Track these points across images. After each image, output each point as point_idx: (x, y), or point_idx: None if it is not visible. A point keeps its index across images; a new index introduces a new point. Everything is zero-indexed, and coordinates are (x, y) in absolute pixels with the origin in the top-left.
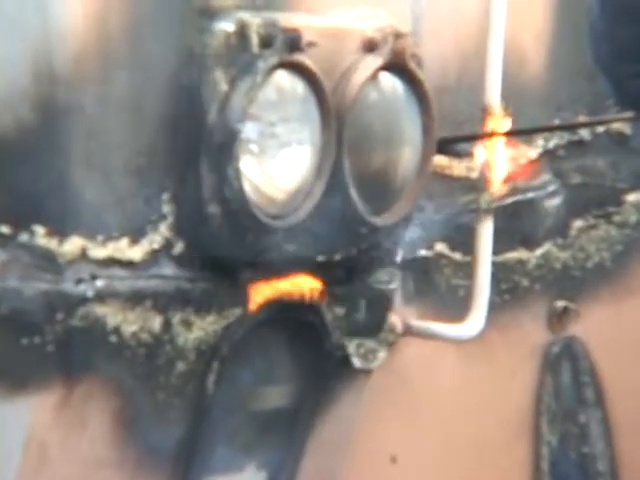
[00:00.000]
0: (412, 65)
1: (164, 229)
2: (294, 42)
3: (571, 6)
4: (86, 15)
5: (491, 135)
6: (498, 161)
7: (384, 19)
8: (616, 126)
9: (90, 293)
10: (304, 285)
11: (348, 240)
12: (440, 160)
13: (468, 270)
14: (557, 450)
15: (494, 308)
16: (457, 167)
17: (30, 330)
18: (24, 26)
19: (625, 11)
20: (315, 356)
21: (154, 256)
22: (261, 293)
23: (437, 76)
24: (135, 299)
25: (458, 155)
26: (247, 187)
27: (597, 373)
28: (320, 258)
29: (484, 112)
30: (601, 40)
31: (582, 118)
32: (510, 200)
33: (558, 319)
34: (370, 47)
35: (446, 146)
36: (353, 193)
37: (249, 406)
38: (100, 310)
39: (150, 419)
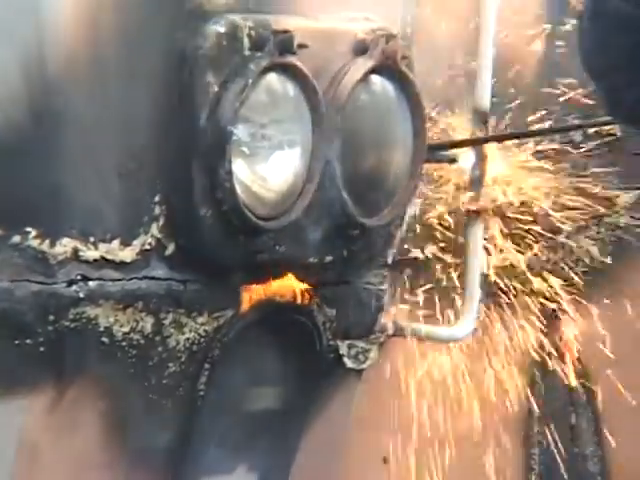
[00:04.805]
0: (403, 67)
1: (156, 231)
2: (285, 44)
3: (564, 6)
4: (78, 18)
5: (480, 140)
6: (489, 164)
7: (375, 21)
8: (607, 128)
9: (82, 294)
10: (295, 286)
11: (339, 241)
12: (431, 162)
13: (459, 272)
14: (548, 450)
15: (485, 310)
16: (448, 169)
17: (22, 331)
18: (16, 30)
19: (620, 20)
20: (307, 357)
21: (146, 257)
22: (252, 294)
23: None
24: (127, 300)
25: (448, 161)
26: (238, 189)
27: (588, 373)
28: (311, 259)
29: (475, 114)
30: (594, 51)
31: (574, 121)
32: (501, 202)
33: (549, 320)
34: (361, 49)
35: (436, 152)
36: (344, 195)
37: (240, 407)
38: (92, 311)
39: (141, 420)
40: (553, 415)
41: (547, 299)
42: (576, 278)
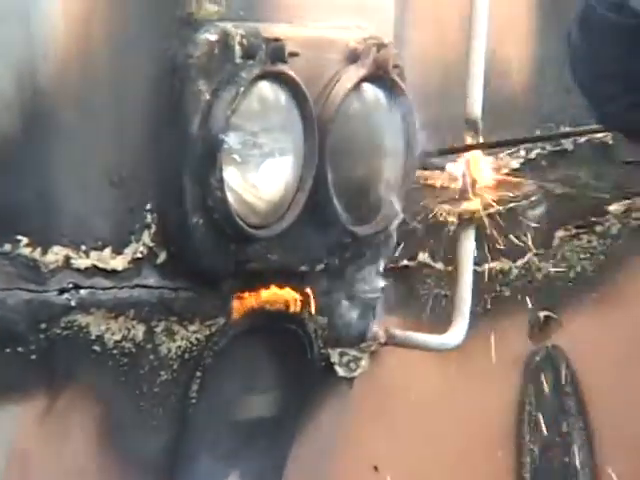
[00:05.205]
0: (394, 76)
1: (147, 239)
2: (277, 52)
3: (555, 16)
4: (69, 27)
5: (471, 148)
6: (480, 171)
7: (367, 30)
8: (598, 136)
9: (73, 302)
10: (287, 295)
11: (331, 250)
12: (423, 170)
13: (450, 280)
14: (539, 459)
15: (476, 318)
16: (439, 177)
17: (13, 339)
18: (7, 38)
19: (607, 30)
20: (298, 365)
21: (137, 266)
22: (244, 303)
23: (419, 87)
24: (118, 308)
25: (439, 168)
26: (230, 197)
27: (579, 382)
28: (303, 268)
29: (466, 123)
30: (583, 62)
31: (565, 129)
32: (492, 210)
33: (540, 329)
34: (353, 58)
35: (427, 159)
36: (336, 203)
37: (232, 415)
38: (83, 319)
39: (133, 428)
40: (545, 424)
41: (538, 306)
42: (567, 285)
